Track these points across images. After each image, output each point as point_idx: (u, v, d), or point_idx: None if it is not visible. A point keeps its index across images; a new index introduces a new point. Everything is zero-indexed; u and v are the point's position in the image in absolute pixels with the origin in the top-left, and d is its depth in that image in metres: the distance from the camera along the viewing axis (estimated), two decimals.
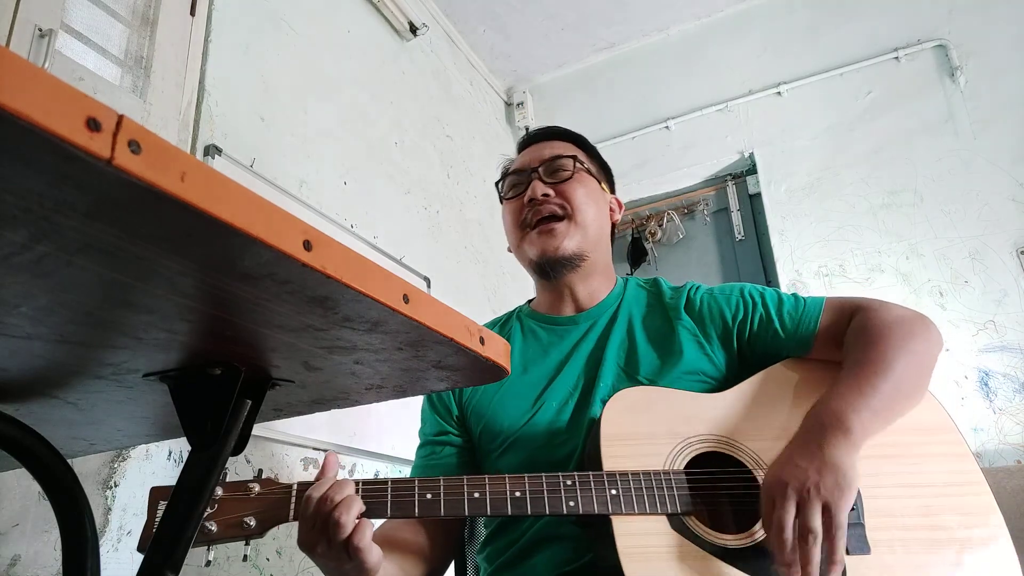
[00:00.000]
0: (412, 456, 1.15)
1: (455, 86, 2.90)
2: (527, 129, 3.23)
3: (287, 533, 1.50)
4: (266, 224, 0.34)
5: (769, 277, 2.61)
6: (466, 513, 0.82)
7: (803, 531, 0.76)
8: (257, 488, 0.82)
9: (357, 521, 0.75)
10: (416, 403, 2.01)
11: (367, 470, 1.81)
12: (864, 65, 2.59)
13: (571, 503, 0.84)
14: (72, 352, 0.46)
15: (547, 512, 0.84)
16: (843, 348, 0.98)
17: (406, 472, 1.95)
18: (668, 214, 2.90)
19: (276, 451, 1.54)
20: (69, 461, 0.56)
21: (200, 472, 0.53)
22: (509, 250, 1.19)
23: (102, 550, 1.14)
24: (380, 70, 2.37)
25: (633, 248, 2.89)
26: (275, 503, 0.81)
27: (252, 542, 0.83)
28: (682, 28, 3.02)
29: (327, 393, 0.61)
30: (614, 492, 0.85)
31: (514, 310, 1.22)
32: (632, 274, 2.30)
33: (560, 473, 0.85)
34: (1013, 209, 2.24)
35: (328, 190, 1.91)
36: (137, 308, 0.40)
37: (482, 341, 0.53)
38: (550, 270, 1.08)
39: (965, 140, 2.37)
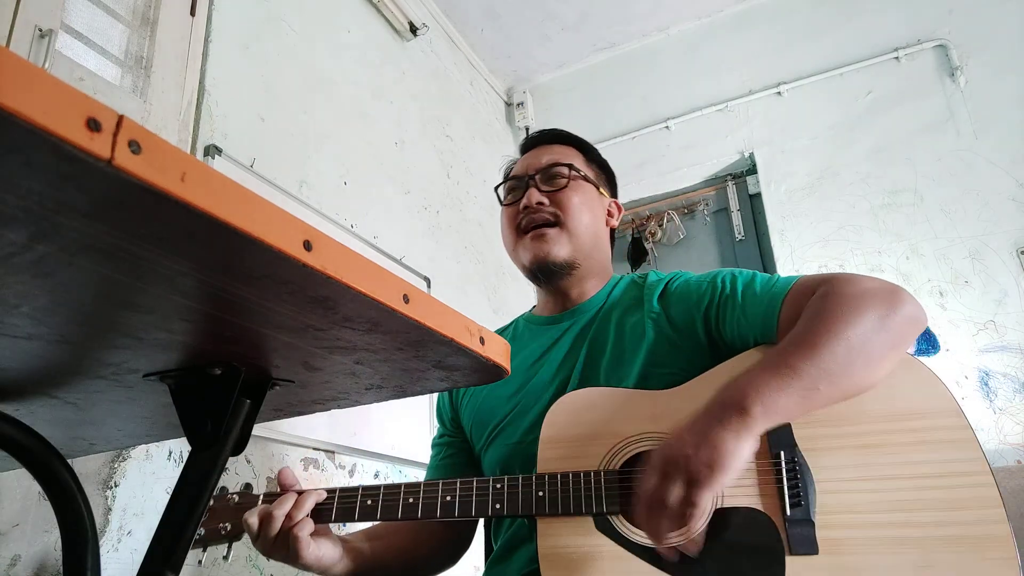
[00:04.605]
0: (412, 455, 1.18)
1: (455, 86, 2.90)
2: (527, 129, 3.23)
3: None
4: (266, 224, 0.34)
5: None
6: (399, 517, 0.91)
7: (652, 501, 0.74)
8: (236, 499, 0.97)
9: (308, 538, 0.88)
10: (416, 403, 2.02)
11: (367, 470, 1.81)
12: (864, 65, 2.59)
13: (497, 505, 0.88)
14: (72, 352, 0.46)
15: (474, 514, 0.89)
16: None
17: (407, 471, 1.95)
18: (668, 214, 2.89)
19: (276, 451, 1.53)
20: (69, 461, 0.56)
21: (200, 472, 0.53)
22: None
23: (102, 550, 1.14)
24: (380, 70, 2.36)
25: (633, 248, 2.89)
26: (244, 512, 0.93)
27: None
28: (682, 28, 3.02)
29: (327, 393, 0.61)
30: (540, 494, 0.87)
31: (518, 316, 1.25)
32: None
33: (492, 477, 0.90)
34: (1013, 209, 2.24)
35: (328, 190, 1.91)
36: (137, 308, 0.40)
37: (482, 341, 0.53)
38: (540, 275, 1.10)
39: (965, 140, 2.37)
